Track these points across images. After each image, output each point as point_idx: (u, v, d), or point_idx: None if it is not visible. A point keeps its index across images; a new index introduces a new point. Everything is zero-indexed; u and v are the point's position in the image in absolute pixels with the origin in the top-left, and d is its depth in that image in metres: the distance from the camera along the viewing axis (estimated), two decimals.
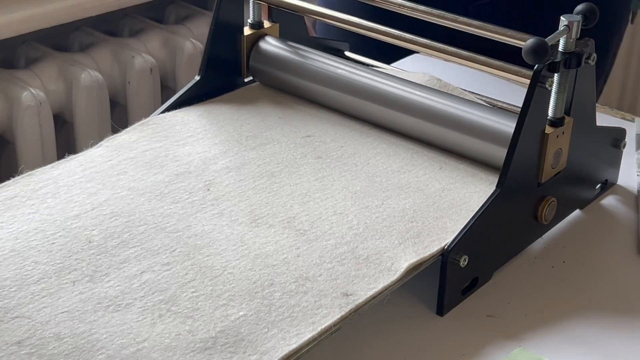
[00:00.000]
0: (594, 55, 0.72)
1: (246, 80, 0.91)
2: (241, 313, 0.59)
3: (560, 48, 0.69)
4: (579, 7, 0.70)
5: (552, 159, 0.72)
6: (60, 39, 1.39)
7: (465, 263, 0.67)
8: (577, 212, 0.81)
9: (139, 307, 0.59)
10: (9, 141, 1.31)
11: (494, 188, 0.69)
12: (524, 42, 0.69)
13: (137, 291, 0.61)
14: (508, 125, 0.73)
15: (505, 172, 0.69)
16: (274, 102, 0.87)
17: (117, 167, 0.74)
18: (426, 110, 0.78)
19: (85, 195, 0.70)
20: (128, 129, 0.80)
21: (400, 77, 0.83)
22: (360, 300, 0.61)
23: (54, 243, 0.65)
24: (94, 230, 0.66)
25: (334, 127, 0.82)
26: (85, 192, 0.71)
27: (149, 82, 1.34)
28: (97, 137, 0.78)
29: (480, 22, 0.77)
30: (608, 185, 0.84)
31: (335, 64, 0.85)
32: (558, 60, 0.68)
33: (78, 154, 0.76)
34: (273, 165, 0.76)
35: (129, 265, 0.63)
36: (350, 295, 0.61)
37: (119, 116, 1.39)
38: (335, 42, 0.97)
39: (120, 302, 0.60)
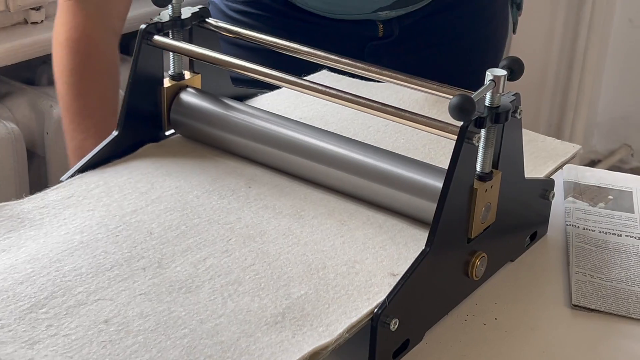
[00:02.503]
0: (520, 108, 0.71)
1: (167, 133, 0.88)
2: (302, 292, 0.66)
3: (487, 103, 0.68)
4: (504, 61, 0.69)
5: (481, 214, 0.71)
6: None
7: (396, 326, 0.65)
8: (507, 265, 0.79)
9: (208, 289, 0.65)
10: None
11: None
12: (451, 95, 0.68)
13: (204, 275, 0.67)
14: (437, 181, 0.72)
15: (434, 230, 0.67)
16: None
17: (161, 169, 0.81)
18: (355, 164, 0.77)
19: (137, 194, 0.77)
20: (158, 143, 0.86)
21: (326, 130, 0.81)
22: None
23: (118, 235, 0.71)
24: (152, 223, 0.73)
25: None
26: (136, 191, 0.77)
27: None
28: (14, 191, 0.76)
29: (405, 75, 0.75)
30: (538, 236, 0.83)
31: (259, 116, 0.83)
32: (485, 115, 0.67)
33: (119, 160, 0.82)
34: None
35: (192, 253, 0.69)
36: (397, 275, 0.68)
37: (37, 168, 1.34)
38: (259, 90, 0.95)
39: (190, 285, 0.66)
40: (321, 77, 0.98)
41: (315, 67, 0.95)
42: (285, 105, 0.93)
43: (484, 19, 1.16)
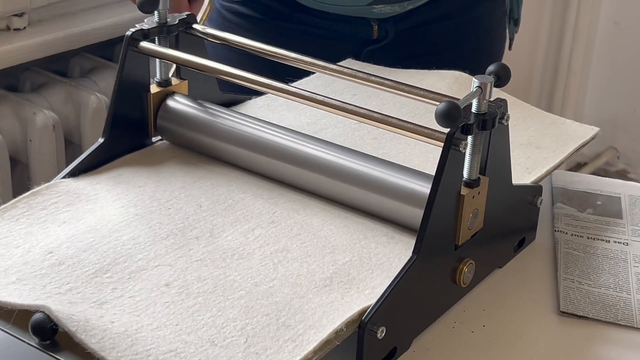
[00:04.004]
0: (508, 114, 0.71)
1: (154, 140, 0.87)
2: (346, 259, 0.70)
3: (473, 109, 0.68)
4: (491, 67, 0.69)
5: (468, 220, 0.71)
6: None
7: (383, 334, 0.64)
8: (495, 271, 0.79)
9: (259, 255, 0.70)
10: None
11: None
12: (438, 102, 0.68)
13: (254, 243, 0.71)
14: (425, 187, 0.72)
15: (421, 238, 0.67)
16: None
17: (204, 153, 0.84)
18: (342, 171, 0.76)
19: (183, 173, 0.81)
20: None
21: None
22: None
23: (170, 208, 0.75)
24: (201, 197, 0.77)
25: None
26: (181, 170, 0.82)
27: (52, 140, 1.28)
28: None
29: (393, 82, 0.75)
30: (526, 243, 0.83)
31: (247, 123, 0.82)
32: (471, 122, 0.67)
33: (163, 143, 0.86)
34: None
35: (240, 224, 0.73)
36: None
37: (20, 175, 1.33)
38: (245, 96, 0.95)
39: (242, 252, 0.70)
40: (347, 64, 1.01)
41: (304, 73, 0.95)
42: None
43: (481, 31, 1.16)
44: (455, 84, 0.97)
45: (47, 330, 0.61)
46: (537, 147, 0.87)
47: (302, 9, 1.08)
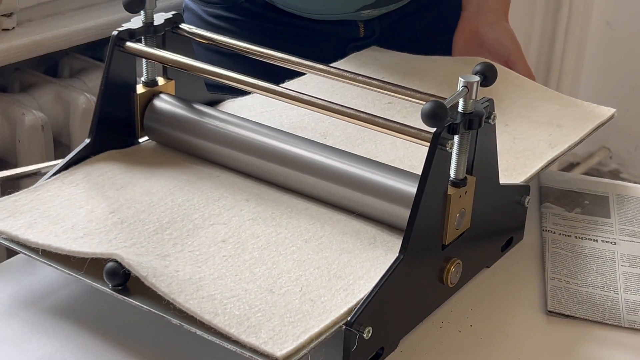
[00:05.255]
0: (494, 113, 0.71)
1: (141, 140, 0.87)
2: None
3: (460, 109, 0.67)
4: (477, 67, 0.69)
5: (455, 220, 0.71)
6: None
7: (370, 334, 0.64)
8: (483, 271, 0.79)
9: (307, 216, 0.75)
10: None
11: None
12: (424, 101, 0.68)
13: (300, 205, 0.76)
14: (411, 187, 0.71)
15: (407, 237, 0.66)
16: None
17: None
18: (329, 171, 0.76)
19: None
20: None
21: (300, 137, 0.80)
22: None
23: (219, 177, 0.81)
24: (247, 171, 0.82)
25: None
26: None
27: (41, 140, 1.28)
28: None
29: (379, 81, 0.75)
30: (514, 242, 0.83)
31: (234, 123, 0.82)
32: (458, 121, 0.67)
33: None
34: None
35: (286, 191, 0.78)
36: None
37: None
38: (232, 96, 0.94)
39: (290, 212, 0.75)
40: (369, 53, 1.06)
41: (291, 72, 0.94)
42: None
43: (455, 21, 1.17)
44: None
45: (120, 276, 0.66)
46: (557, 125, 0.91)
47: (287, 12, 1.08)
